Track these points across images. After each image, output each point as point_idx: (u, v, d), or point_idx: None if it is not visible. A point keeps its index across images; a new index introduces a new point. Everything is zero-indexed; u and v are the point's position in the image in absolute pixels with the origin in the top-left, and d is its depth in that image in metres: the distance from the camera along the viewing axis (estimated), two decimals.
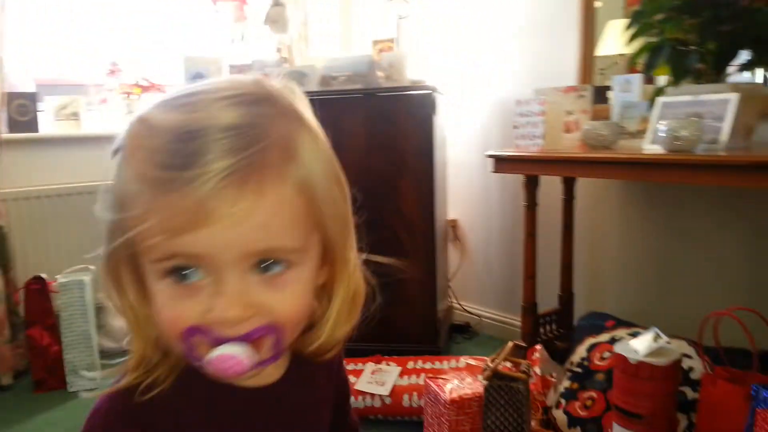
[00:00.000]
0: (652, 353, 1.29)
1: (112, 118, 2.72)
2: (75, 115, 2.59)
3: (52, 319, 2.17)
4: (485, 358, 1.53)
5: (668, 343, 1.32)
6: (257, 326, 0.47)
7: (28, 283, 2.18)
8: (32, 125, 2.45)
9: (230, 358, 0.47)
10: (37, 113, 2.48)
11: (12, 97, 2.39)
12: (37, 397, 2.13)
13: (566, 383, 1.60)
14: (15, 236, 2.30)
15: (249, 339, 0.47)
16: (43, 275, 2.19)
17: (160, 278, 0.46)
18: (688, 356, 1.47)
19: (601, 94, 2.07)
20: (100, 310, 2.27)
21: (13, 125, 2.40)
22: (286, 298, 0.48)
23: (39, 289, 2.17)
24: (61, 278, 2.15)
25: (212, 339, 0.46)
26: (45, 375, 2.16)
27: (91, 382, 2.12)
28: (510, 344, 1.44)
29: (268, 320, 0.47)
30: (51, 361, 2.16)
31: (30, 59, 2.62)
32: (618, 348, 1.34)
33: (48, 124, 2.55)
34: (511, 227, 2.44)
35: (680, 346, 1.45)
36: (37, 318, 2.17)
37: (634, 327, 1.65)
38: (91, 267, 2.16)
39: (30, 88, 2.52)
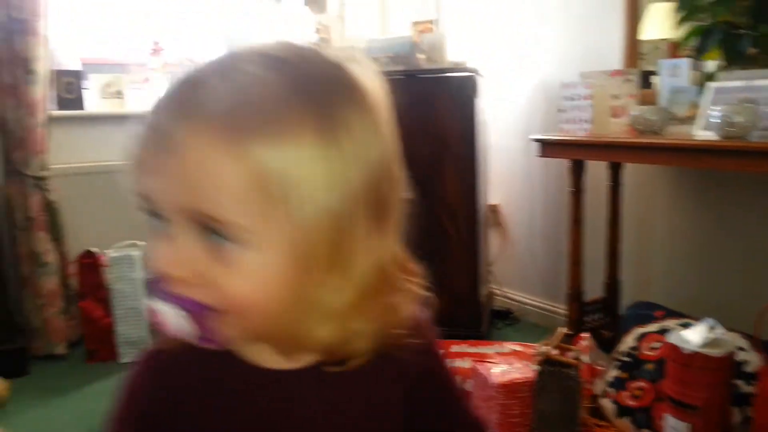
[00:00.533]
0: (706, 344, 1.28)
1: (154, 97, 2.75)
2: (119, 94, 2.62)
3: (103, 291, 2.24)
4: (531, 344, 1.54)
5: (723, 334, 1.31)
6: (192, 298, 0.43)
7: (80, 256, 2.25)
8: (78, 103, 2.49)
9: (160, 316, 0.45)
10: (83, 91, 2.51)
11: (60, 75, 2.42)
12: (89, 367, 2.20)
13: (614, 372, 1.60)
14: (66, 211, 2.35)
15: (180, 305, 0.44)
16: (94, 249, 2.25)
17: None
18: (742, 349, 1.46)
19: (644, 80, 2.03)
20: None
21: (62, 103, 2.44)
22: (240, 280, 0.43)
23: (90, 263, 2.24)
24: (111, 253, 2.21)
25: (157, 290, 0.45)
26: (97, 346, 2.23)
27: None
28: (561, 331, 1.45)
29: (211, 298, 0.43)
30: (103, 332, 2.22)
31: (75, 38, 2.65)
32: (670, 338, 1.33)
33: (94, 102, 2.58)
34: (555, 213, 2.41)
35: (733, 338, 1.44)
36: (89, 291, 2.24)
37: (684, 318, 1.63)
38: (140, 243, 2.21)
39: (76, 67, 2.56)
